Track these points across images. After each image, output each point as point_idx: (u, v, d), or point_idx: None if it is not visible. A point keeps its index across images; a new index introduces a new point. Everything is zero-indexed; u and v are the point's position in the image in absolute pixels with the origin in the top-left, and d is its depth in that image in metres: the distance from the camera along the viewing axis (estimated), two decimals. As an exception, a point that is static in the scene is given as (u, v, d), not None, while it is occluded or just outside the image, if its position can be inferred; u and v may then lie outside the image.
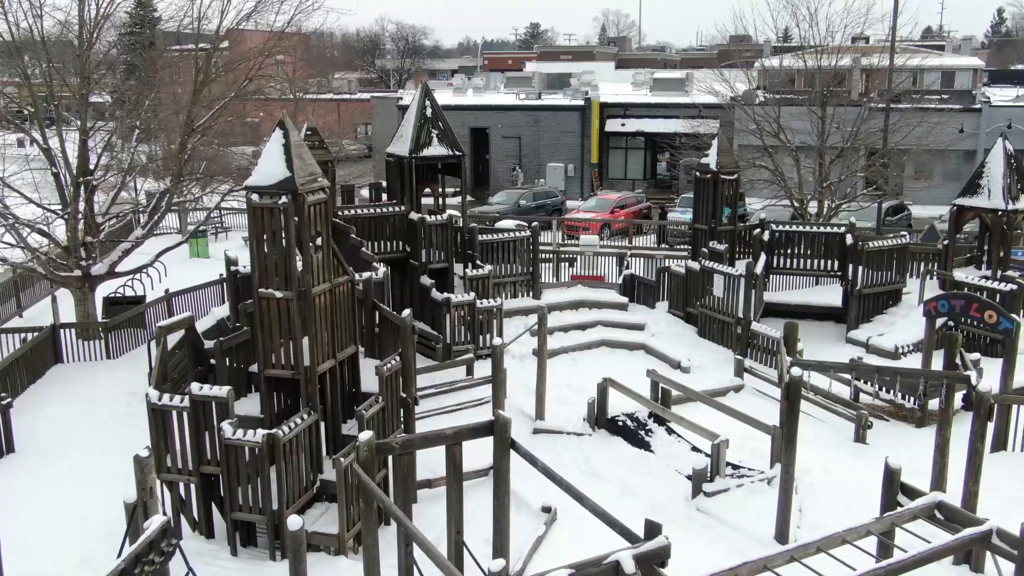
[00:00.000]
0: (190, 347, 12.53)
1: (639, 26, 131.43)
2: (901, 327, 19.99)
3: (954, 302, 15.35)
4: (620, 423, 15.53)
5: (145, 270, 21.88)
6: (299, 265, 11.27)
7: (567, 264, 26.16)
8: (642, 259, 25.43)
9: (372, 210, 20.20)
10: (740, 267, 20.18)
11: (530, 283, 21.81)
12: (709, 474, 13.08)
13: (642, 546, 7.65)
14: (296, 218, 11.09)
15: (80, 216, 20.68)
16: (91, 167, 20.93)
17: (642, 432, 15.29)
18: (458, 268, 20.43)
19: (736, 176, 21.13)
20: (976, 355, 16.26)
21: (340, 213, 19.54)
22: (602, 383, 15.59)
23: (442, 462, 11.21)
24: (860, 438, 15.09)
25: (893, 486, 9.19)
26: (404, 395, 12.79)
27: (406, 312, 12.78)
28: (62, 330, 18.71)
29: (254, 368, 12.67)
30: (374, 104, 54.61)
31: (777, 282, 22.77)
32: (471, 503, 12.50)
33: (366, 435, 9.51)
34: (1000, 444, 14.50)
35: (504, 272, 21.44)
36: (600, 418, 15.62)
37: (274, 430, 10.88)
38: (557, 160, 47.06)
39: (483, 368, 18.79)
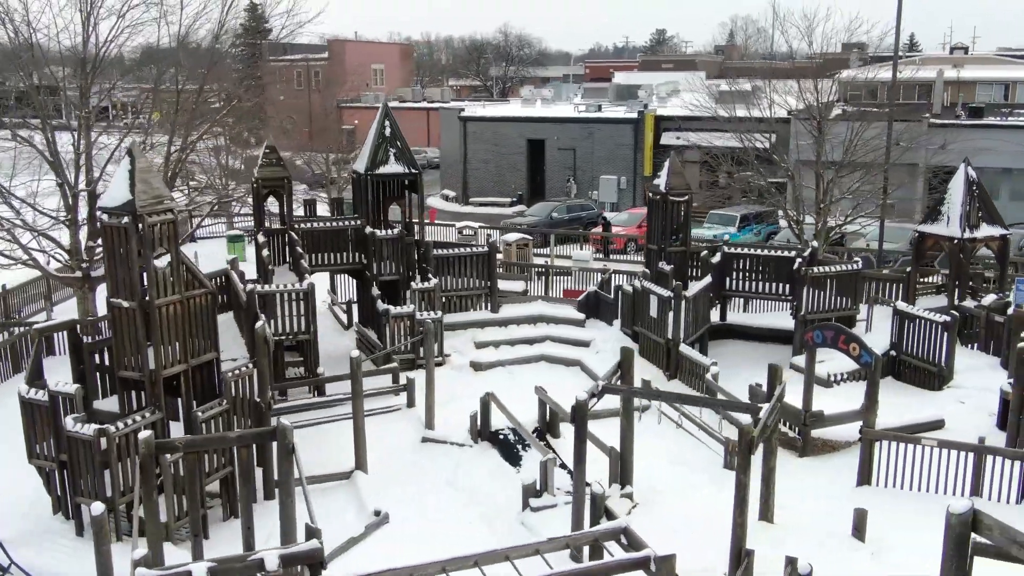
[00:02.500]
0: (72, 348, 14.03)
1: (772, 33, 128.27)
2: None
3: (826, 333, 15.17)
4: (502, 437, 16.15)
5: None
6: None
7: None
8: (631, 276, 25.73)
9: (327, 224, 21.42)
10: (693, 289, 20.35)
11: (488, 297, 22.57)
12: (537, 489, 13.56)
13: (292, 547, 8.42)
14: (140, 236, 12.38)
15: (82, 223, 22.87)
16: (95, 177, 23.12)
17: (519, 447, 15.86)
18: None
19: (687, 197, 21.23)
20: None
21: (297, 226, 20.91)
22: (484, 397, 16.26)
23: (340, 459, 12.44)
24: (729, 464, 15.15)
25: (597, 509, 9.58)
26: (258, 400, 13.88)
27: (259, 323, 13.88)
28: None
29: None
30: (441, 116, 56.25)
31: (741, 304, 22.71)
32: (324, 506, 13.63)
33: (144, 434, 10.64)
34: (864, 479, 14.33)
35: (461, 286, 22.29)
36: (484, 431, 16.28)
37: (106, 425, 12.18)
38: (611, 172, 47.36)
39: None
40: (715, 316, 22.15)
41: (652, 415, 17.75)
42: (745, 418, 12.07)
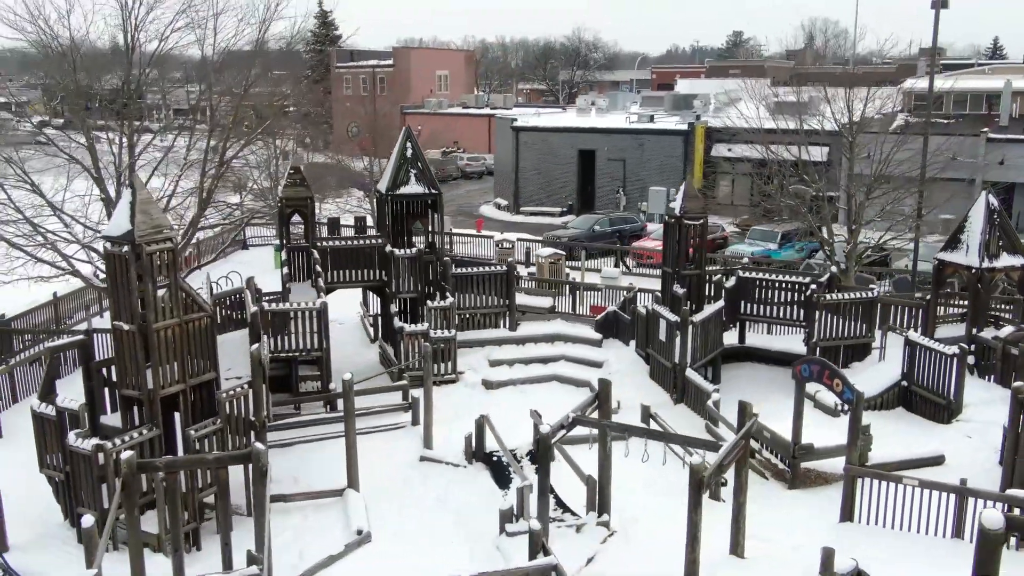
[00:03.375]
0: (84, 365, 14.94)
1: (854, 34, 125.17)
2: (854, 383, 19.48)
3: (812, 367, 15.11)
4: (495, 459, 16.53)
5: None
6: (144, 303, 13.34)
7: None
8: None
9: (348, 242, 22.12)
10: (704, 313, 20.43)
11: (506, 315, 22.97)
12: (515, 514, 13.91)
13: (231, 574, 8.98)
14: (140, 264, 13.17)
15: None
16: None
17: (510, 470, 16.21)
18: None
19: (702, 221, 21.26)
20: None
21: (319, 244, 21.66)
22: (479, 420, 16.67)
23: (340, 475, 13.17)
24: (714, 495, 15.25)
25: (535, 546, 9.91)
26: (253, 419, 14.57)
27: (255, 346, 14.56)
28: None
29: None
30: (496, 124, 56.81)
31: (764, 326, 22.61)
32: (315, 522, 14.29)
33: (126, 454, 11.37)
34: (847, 515, 14.28)
35: (480, 304, 22.75)
36: (478, 452, 16.69)
37: (103, 441, 12.99)
38: (660, 184, 47.23)
39: (435, 394, 20.36)
40: (733, 339, 22.16)
41: (641, 442, 17.94)
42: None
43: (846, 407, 18.60)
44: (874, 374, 19.50)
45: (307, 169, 47.51)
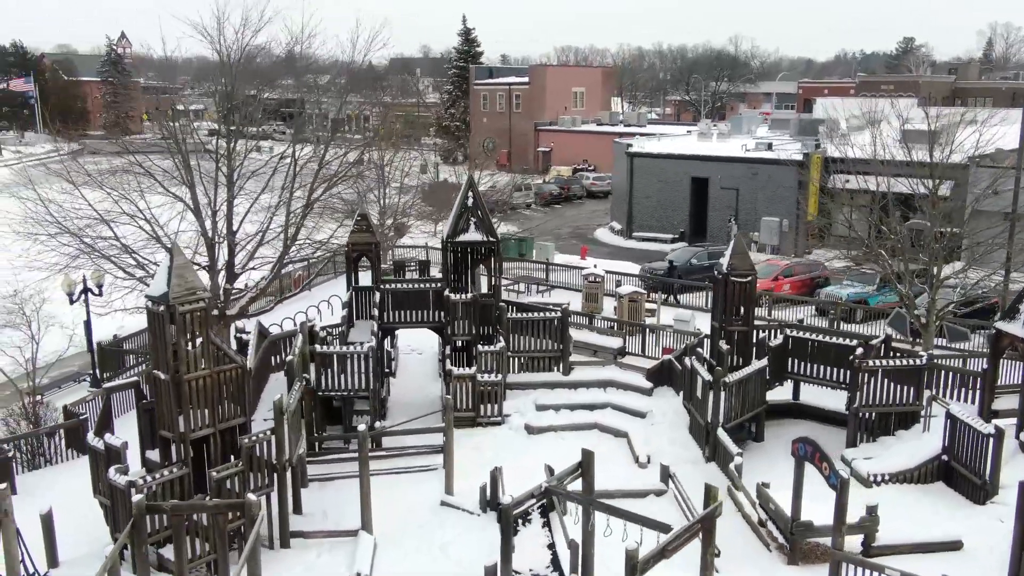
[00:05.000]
0: (137, 404, 16.79)
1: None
2: (893, 453, 19.03)
3: (807, 447, 14.96)
4: (507, 509, 17.26)
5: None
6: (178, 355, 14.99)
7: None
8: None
9: (411, 285, 23.40)
10: (742, 372, 20.41)
11: (559, 359, 23.62)
12: (499, 572, 14.63)
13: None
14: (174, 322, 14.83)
15: (219, 268, 26.37)
16: (235, 230, 26.57)
17: (519, 520, 16.91)
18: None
19: (750, 278, 21.17)
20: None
21: (382, 286, 23.07)
22: (493, 471, 17.46)
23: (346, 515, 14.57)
24: (708, 566, 15.41)
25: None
26: (275, 463, 15.99)
27: (279, 396, 15.98)
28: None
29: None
30: (613, 147, 57.14)
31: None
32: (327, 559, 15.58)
33: (136, 497, 12.95)
34: (834, 599, 14.18)
35: (533, 347, 23.53)
36: (492, 501, 17.48)
37: (136, 477, 14.70)
38: (773, 214, 46.33)
39: (479, 435, 21.40)
40: (786, 394, 21.98)
41: (667, 500, 18.21)
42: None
43: (882, 478, 18.34)
44: (916, 445, 18.94)
45: (434, 188, 49.54)
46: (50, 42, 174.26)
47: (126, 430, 18.10)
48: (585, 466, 14.33)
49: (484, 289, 23.89)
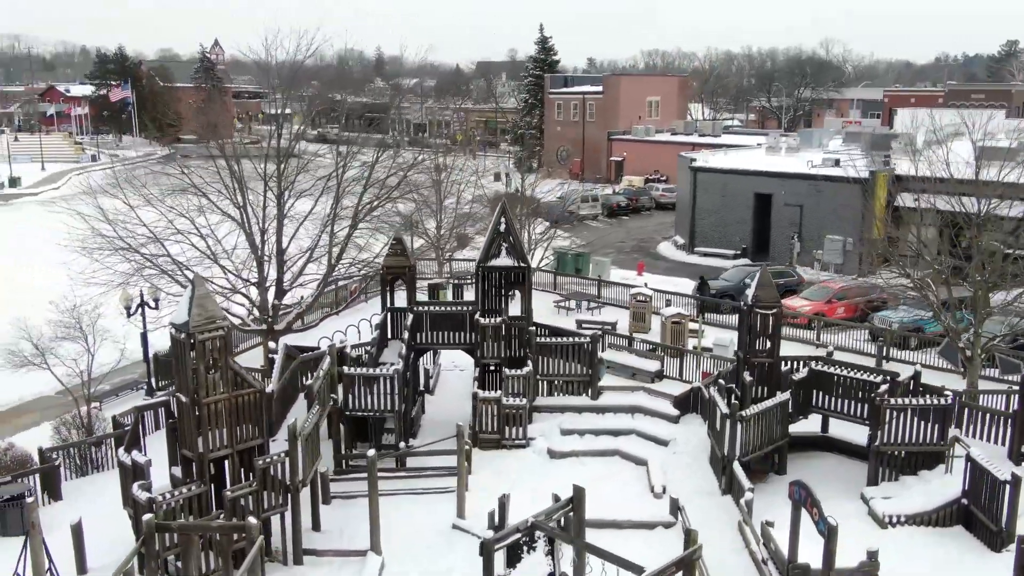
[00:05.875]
0: (167, 423, 17.82)
1: None
2: (913, 494, 18.74)
3: (801, 491, 14.88)
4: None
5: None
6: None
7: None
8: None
9: (443, 307, 24.01)
10: (763, 405, 20.33)
11: (587, 384, 23.90)
12: (492, 601, 15.04)
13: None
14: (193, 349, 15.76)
15: (268, 285, 27.50)
16: (284, 247, 27.66)
17: (525, 547, 17.27)
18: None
19: (775, 310, 21.04)
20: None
21: (415, 308, 23.75)
22: (502, 498, 17.85)
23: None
24: (704, 603, 15.55)
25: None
26: (288, 483, 16.77)
27: (292, 420, 16.74)
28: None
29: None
30: (678, 161, 56.79)
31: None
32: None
33: (146, 517, 13.85)
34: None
35: (562, 370, 23.87)
36: (500, 527, 17.87)
37: (157, 494, 15.66)
38: (837, 233, 45.42)
39: (502, 458, 21.86)
40: (815, 427, 21.82)
41: (675, 532, 18.31)
42: None
43: (898, 519, 18.12)
44: (937, 487, 18.63)
45: (497, 198, 50.04)
46: (153, 47, 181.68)
47: (157, 446, 19.13)
48: (576, 501, 14.64)
49: (516, 312, 24.32)
